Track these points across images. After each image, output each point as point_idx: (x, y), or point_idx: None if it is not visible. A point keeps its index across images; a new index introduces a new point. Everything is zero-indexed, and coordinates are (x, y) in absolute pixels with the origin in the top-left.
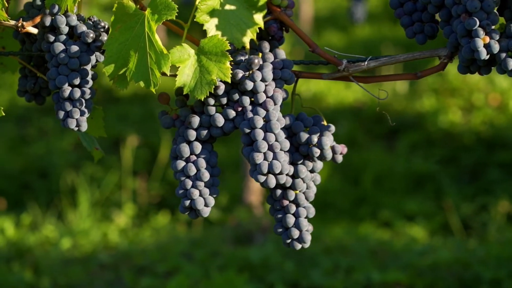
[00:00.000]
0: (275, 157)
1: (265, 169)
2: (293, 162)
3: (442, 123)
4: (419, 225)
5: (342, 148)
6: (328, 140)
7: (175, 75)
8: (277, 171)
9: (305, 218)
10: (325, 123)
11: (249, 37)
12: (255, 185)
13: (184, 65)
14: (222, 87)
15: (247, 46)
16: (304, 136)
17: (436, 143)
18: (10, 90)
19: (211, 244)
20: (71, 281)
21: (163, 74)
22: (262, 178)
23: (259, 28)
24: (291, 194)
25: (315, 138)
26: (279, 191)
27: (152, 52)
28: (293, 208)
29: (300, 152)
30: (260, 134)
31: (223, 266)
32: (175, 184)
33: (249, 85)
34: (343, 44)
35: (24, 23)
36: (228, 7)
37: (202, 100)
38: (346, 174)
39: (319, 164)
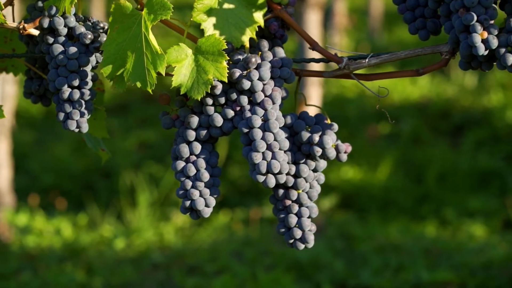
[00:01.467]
0: (274, 157)
1: (263, 168)
2: (295, 162)
3: (510, 119)
4: (481, 223)
5: (346, 147)
6: (330, 139)
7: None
8: (276, 171)
9: (308, 218)
10: (328, 121)
11: (248, 35)
12: None
13: (181, 65)
14: (220, 87)
15: (247, 45)
16: (306, 135)
17: (502, 139)
18: None
19: (263, 243)
20: (123, 281)
21: (159, 74)
22: (261, 178)
23: (262, 27)
24: (294, 194)
25: (316, 137)
26: (281, 191)
27: (149, 53)
28: (295, 208)
29: (302, 152)
30: (258, 133)
31: (272, 266)
32: (237, 183)
33: (246, 84)
34: (414, 39)
35: (26, 25)
36: (226, 5)
37: (200, 100)
38: (409, 172)
39: (322, 163)
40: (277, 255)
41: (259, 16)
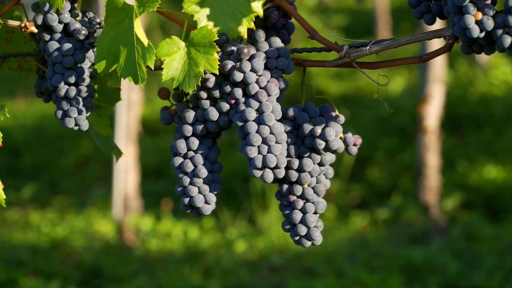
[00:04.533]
0: (269, 151)
1: (259, 163)
2: (299, 155)
3: None
4: None
5: (355, 139)
6: (333, 131)
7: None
8: (272, 165)
9: (314, 214)
10: (336, 113)
11: (245, 26)
12: (431, 184)
13: (171, 58)
14: (212, 80)
15: (245, 36)
16: (308, 127)
17: None
18: None
19: (378, 245)
20: (236, 284)
21: (148, 68)
22: (258, 173)
23: (261, 16)
24: (298, 189)
25: (318, 129)
26: (286, 186)
27: (139, 46)
28: (300, 203)
29: (305, 145)
30: (252, 127)
31: (384, 267)
32: (376, 185)
33: (239, 76)
34: None
35: (27, 23)
36: None
37: (193, 93)
38: None
39: (329, 157)
40: (390, 257)
41: (257, 6)
